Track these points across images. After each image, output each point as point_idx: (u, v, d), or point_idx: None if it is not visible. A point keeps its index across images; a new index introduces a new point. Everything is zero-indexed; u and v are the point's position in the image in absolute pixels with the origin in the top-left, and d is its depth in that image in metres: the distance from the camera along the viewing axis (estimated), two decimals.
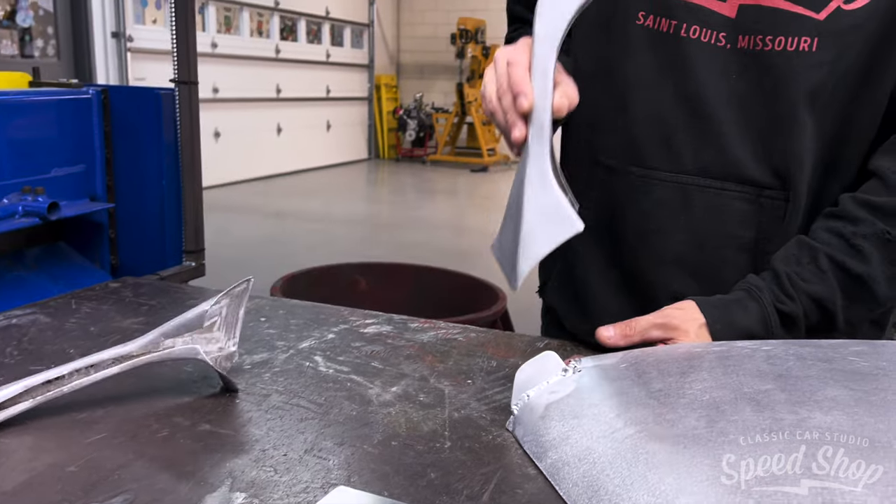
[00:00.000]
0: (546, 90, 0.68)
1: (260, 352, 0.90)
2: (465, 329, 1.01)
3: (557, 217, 0.68)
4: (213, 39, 7.88)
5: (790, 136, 0.81)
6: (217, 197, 7.25)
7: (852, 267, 0.78)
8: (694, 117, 0.84)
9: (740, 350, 0.69)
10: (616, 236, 0.93)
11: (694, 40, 0.83)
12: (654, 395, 0.63)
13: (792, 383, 0.60)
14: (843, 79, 0.79)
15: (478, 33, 10.61)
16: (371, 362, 0.87)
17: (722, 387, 0.61)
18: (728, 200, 0.85)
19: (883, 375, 0.60)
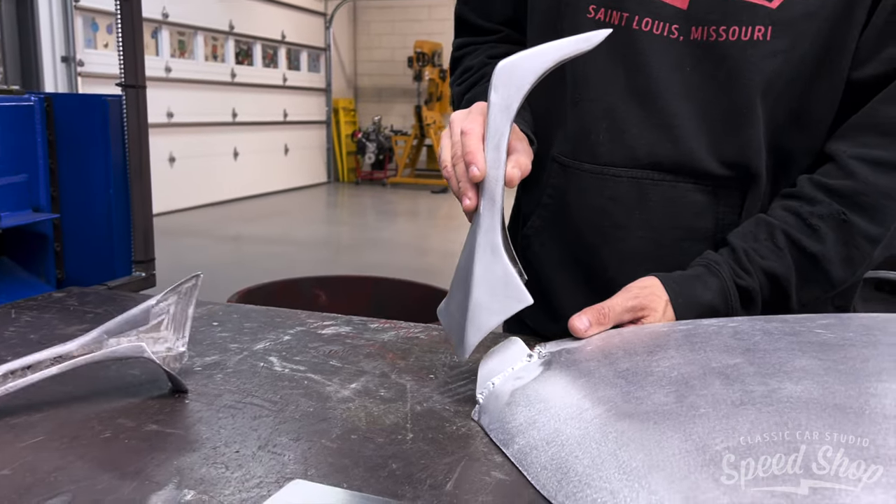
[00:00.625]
0: (499, 161, 0.67)
1: (211, 354, 0.86)
2: (426, 328, 0.99)
3: (507, 290, 0.68)
4: (167, 64, 7.79)
5: (746, 126, 0.81)
6: (172, 223, 7.12)
7: (808, 246, 0.77)
8: (647, 111, 0.83)
9: (706, 327, 0.67)
10: (574, 233, 0.92)
11: (646, 33, 0.82)
12: (621, 374, 0.61)
13: (760, 357, 0.59)
14: (799, 67, 0.78)
15: (434, 56, 10.68)
16: (329, 361, 0.84)
17: (690, 363, 0.60)
18: (684, 193, 0.84)
19: (850, 346, 0.59)
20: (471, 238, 0.70)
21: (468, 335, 0.69)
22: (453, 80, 1.04)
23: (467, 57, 1.02)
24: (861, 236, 0.77)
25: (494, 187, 0.68)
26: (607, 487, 0.49)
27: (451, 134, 0.74)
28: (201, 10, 8.27)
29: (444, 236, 7.43)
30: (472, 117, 0.72)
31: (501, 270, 0.68)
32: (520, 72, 0.67)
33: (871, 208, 0.76)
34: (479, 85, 0.96)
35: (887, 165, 0.76)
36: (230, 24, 8.83)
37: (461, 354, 0.70)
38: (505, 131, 0.67)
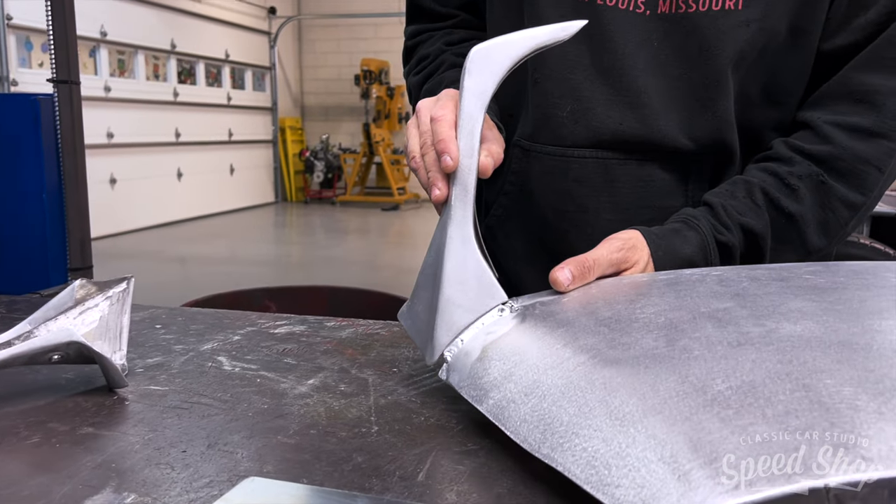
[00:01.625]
0: (472, 149, 0.63)
1: (154, 356, 0.79)
2: (387, 324, 0.94)
3: (480, 285, 0.64)
4: (107, 83, 7.58)
5: (719, 99, 0.79)
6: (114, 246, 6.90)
7: (786, 205, 0.75)
8: (613, 89, 0.80)
9: (689, 276, 0.64)
10: (540, 221, 0.88)
11: (611, 8, 0.79)
12: (603, 322, 0.56)
13: (751, 300, 0.55)
14: (770, 37, 0.77)
15: (382, 74, 10.66)
16: (283, 359, 0.78)
17: (677, 308, 0.56)
18: (652, 172, 0.81)
19: (843, 288, 0.56)
20: (440, 231, 0.66)
21: (437, 334, 0.63)
22: (408, 70, 1.00)
23: (422, 45, 0.98)
24: (839, 200, 0.75)
25: (467, 176, 0.63)
26: (598, 435, 0.44)
27: (420, 122, 0.70)
28: (142, 29, 8.10)
29: (396, 253, 7.38)
30: (443, 103, 0.67)
31: (474, 264, 0.64)
32: (495, 57, 0.63)
33: (850, 173, 0.75)
34: (437, 73, 0.92)
35: (864, 132, 0.75)
36: (172, 43, 8.67)
37: (430, 356, 0.64)
38: (479, 117, 0.63)
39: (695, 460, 0.39)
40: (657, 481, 0.40)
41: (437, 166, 0.64)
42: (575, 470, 0.44)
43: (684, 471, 0.39)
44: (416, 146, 0.68)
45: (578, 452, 0.45)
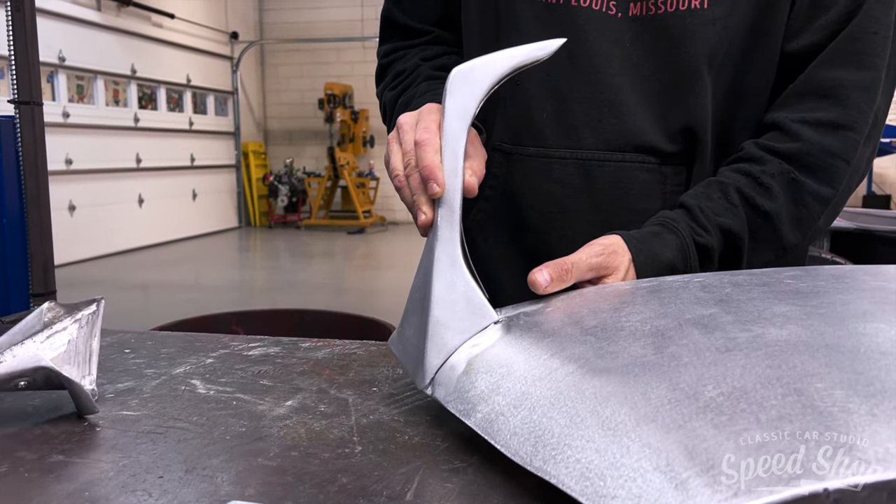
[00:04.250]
0: (457, 170, 0.63)
1: (125, 380, 0.77)
2: (364, 344, 0.93)
3: (470, 306, 0.63)
4: (65, 109, 7.46)
5: (691, 96, 0.80)
6: (73, 274, 6.74)
7: (761, 204, 0.76)
8: (590, 89, 0.82)
9: (671, 283, 0.64)
10: (521, 223, 0.88)
11: (584, 9, 0.81)
12: (589, 331, 0.56)
13: (735, 306, 0.55)
14: (736, 35, 0.79)
15: (346, 98, 10.67)
16: (259, 381, 0.77)
17: (662, 316, 0.56)
18: (630, 172, 0.82)
19: (824, 293, 0.57)
20: (427, 254, 0.65)
21: (428, 357, 0.62)
22: (383, 87, 1.00)
23: (398, 62, 0.98)
24: (810, 195, 0.77)
25: (453, 197, 0.63)
26: (591, 446, 0.44)
27: (403, 142, 0.69)
28: (101, 54, 8.00)
29: (363, 276, 7.34)
30: (425, 125, 0.67)
31: (463, 285, 0.63)
32: (476, 77, 0.63)
33: (819, 168, 0.77)
34: (412, 87, 0.92)
35: (829, 125, 0.77)
36: (132, 68, 8.57)
37: (420, 380, 0.63)
38: (462, 137, 0.63)
39: (692, 468, 0.39)
40: (654, 491, 0.39)
41: (422, 189, 0.64)
42: (569, 482, 0.43)
43: (682, 479, 0.39)
44: (400, 165, 0.68)
45: (572, 464, 0.44)
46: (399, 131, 0.70)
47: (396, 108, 0.91)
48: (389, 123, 0.94)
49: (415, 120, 0.69)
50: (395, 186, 0.69)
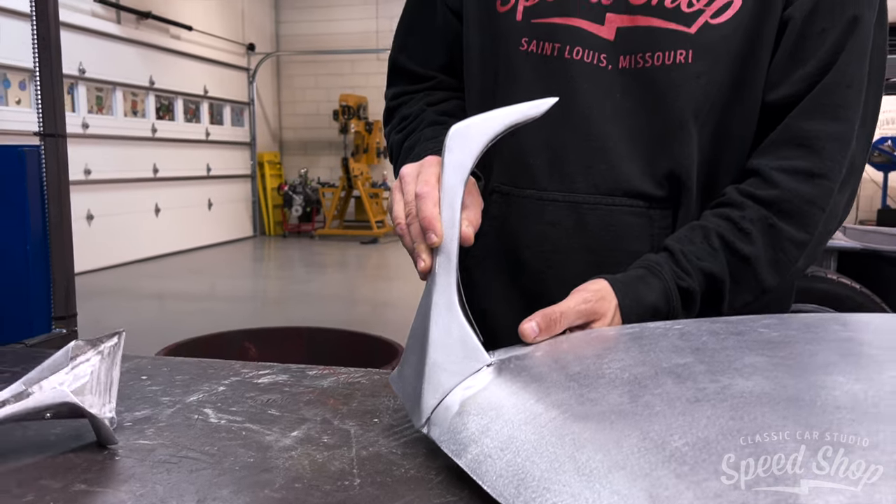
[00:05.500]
0: (454, 221, 0.68)
1: (142, 408, 0.81)
2: (367, 372, 0.97)
3: (465, 349, 0.67)
4: (85, 120, 7.58)
5: (676, 147, 0.85)
6: (91, 283, 6.84)
7: (741, 248, 0.80)
8: (582, 137, 0.86)
9: (653, 330, 0.68)
10: (516, 261, 0.93)
11: (577, 61, 0.86)
12: (573, 377, 0.60)
13: (709, 355, 0.59)
14: (719, 87, 0.83)
15: (360, 109, 10.76)
16: (267, 410, 0.81)
17: (641, 364, 0.60)
18: (620, 216, 0.86)
19: (794, 342, 0.61)
20: (426, 298, 0.70)
21: (425, 397, 0.66)
22: (390, 129, 1.04)
23: (404, 106, 1.03)
24: (788, 240, 0.81)
25: (450, 246, 0.68)
26: (567, 490, 0.48)
27: (405, 192, 0.74)
28: (120, 66, 8.13)
29: (374, 286, 7.39)
30: (425, 177, 0.72)
31: (458, 330, 0.67)
32: (473, 134, 0.68)
33: (796, 214, 0.81)
34: (417, 132, 0.97)
35: (806, 174, 0.81)
36: (150, 80, 8.70)
37: (417, 419, 0.67)
38: (459, 190, 0.68)
39: None
40: None
41: (421, 238, 0.68)
42: None
43: None
44: (402, 214, 0.73)
45: None
46: (402, 181, 0.75)
47: (402, 152, 0.96)
48: (395, 165, 0.98)
49: (416, 171, 0.74)
50: (397, 233, 0.73)
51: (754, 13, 0.82)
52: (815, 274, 2.64)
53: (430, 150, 0.88)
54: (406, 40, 1.03)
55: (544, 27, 0.87)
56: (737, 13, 0.81)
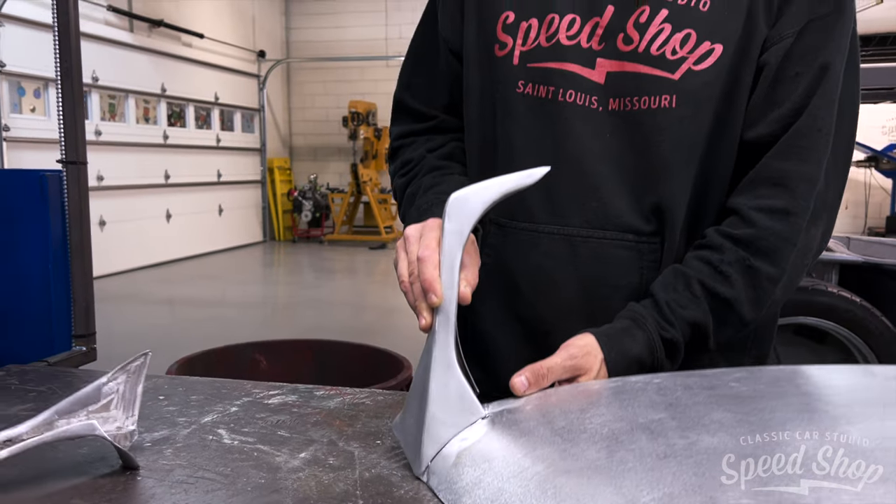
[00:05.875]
0: (453, 282, 0.74)
1: (160, 429, 0.87)
2: (371, 393, 1.02)
3: (462, 404, 0.73)
4: (97, 127, 7.68)
5: (662, 185, 0.90)
6: (103, 288, 6.92)
7: (721, 292, 0.86)
8: (575, 174, 0.91)
9: (633, 384, 0.73)
10: (512, 289, 0.98)
11: (570, 104, 0.91)
12: (558, 432, 0.66)
13: (681, 411, 0.65)
14: (703, 130, 0.89)
15: (369, 115, 10.83)
16: (277, 431, 0.87)
17: (619, 419, 0.65)
18: (610, 249, 0.91)
19: (760, 397, 0.66)
20: (426, 354, 0.76)
21: (424, 448, 0.72)
22: (394, 171, 1.10)
23: (406, 149, 1.09)
24: (765, 278, 0.86)
25: (449, 306, 0.74)
26: None
27: (408, 253, 0.81)
28: (133, 74, 8.23)
29: (383, 293, 7.44)
30: (426, 241, 0.79)
31: (455, 385, 0.73)
32: (470, 203, 0.74)
33: (771, 251, 0.86)
34: (418, 178, 1.03)
35: (781, 212, 0.86)
36: (162, 87, 8.80)
37: (417, 468, 0.73)
38: (458, 254, 0.74)
39: None
40: None
41: (423, 297, 0.75)
42: None
43: None
44: (406, 273, 0.80)
45: None
46: (406, 242, 0.82)
47: (405, 199, 1.03)
48: (399, 209, 1.05)
49: (419, 234, 0.81)
50: (401, 289, 0.79)
51: (734, 60, 0.87)
52: (816, 287, 2.68)
53: (430, 202, 0.95)
54: (410, 80, 1.09)
55: (539, 71, 0.92)
56: (717, 60, 0.87)
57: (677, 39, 0.87)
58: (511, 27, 0.94)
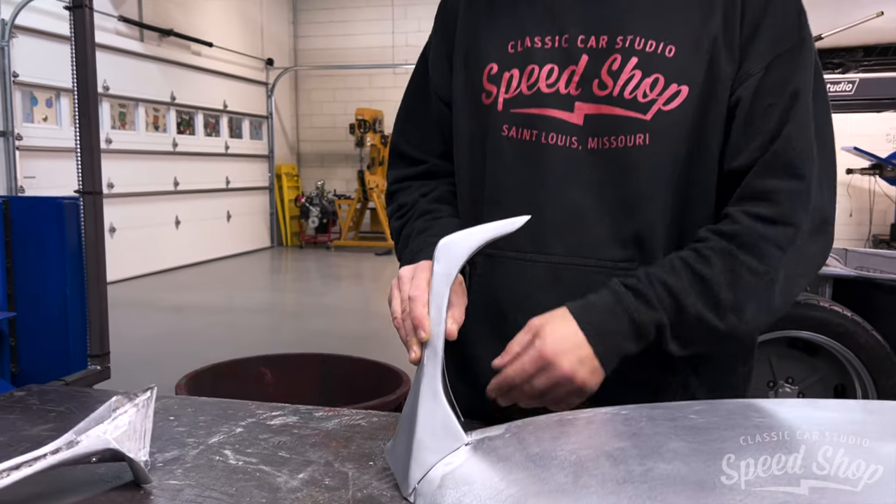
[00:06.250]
0: (440, 320, 0.82)
1: (171, 449, 0.94)
2: (367, 414, 1.09)
3: (447, 431, 0.81)
4: (108, 136, 7.79)
5: (639, 215, 0.98)
6: (113, 294, 7.01)
7: (698, 269, 0.92)
8: (557, 208, 0.99)
9: (603, 415, 0.80)
10: (499, 313, 1.05)
11: (552, 145, 0.99)
12: (531, 458, 0.73)
13: (643, 440, 0.72)
14: (675, 163, 0.97)
15: (376, 123, 10.93)
16: (278, 452, 0.94)
17: (587, 447, 0.73)
18: (591, 275, 0.99)
19: (714, 429, 0.73)
20: (415, 384, 0.83)
21: (412, 472, 0.80)
22: (390, 213, 1.19)
23: (401, 193, 1.17)
24: (745, 268, 0.91)
25: (436, 342, 0.82)
26: None
27: (402, 291, 0.89)
28: (143, 82, 8.35)
29: None
30: (417, 282, 0.87)
31: (442, 414, 0.81)
32: (456, 248, 0.83)
33: (753, 247, 0.92)
34: (411, 222, 1.12)
35: (767, 219, 0.93)
36: (172, 95, 8.92)
37: (405, 489, 0.80)
38: (445, 295, 0.82)
39: None
40: None
41: (413, 333, 0.83)
42: None
43: None
44: (398, 310, 0.88)
45: None
46: (399, 282, 0.90)
47: (401, 240, 1.12)
48: (395, 249, 1.14)
49: (411, 275, 0.89)
50: (394, 325, 0.87)
51: (700, 99, 0.95)
52: (809, 301, 2.74)
53: (423, 244, 1.03)
54: (405, 127, 1.17)
55: (522, 116, 1.00)
56: (684, 100, 0.95)
57: (647, 83, 0.95)
58: (495, 77, 1.02)
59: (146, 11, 8.50)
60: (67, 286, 1.37)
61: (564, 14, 0.99)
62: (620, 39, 0.96)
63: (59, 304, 1.40)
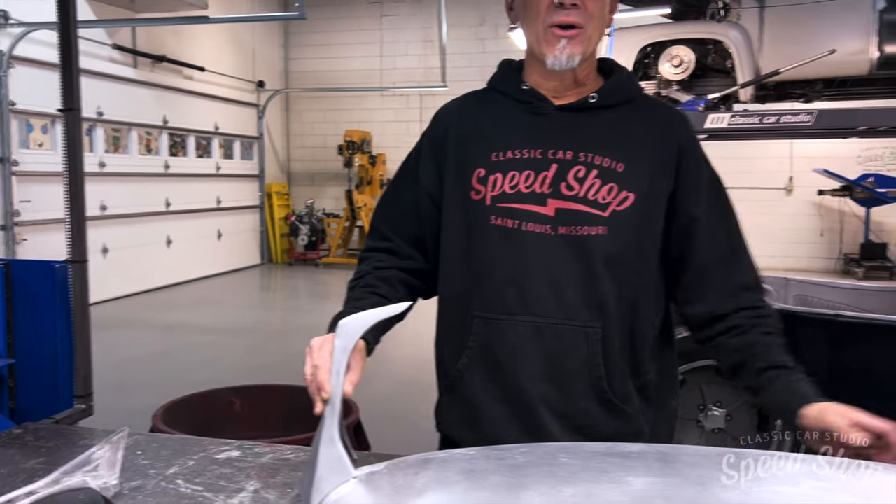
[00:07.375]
0: (338, 383, 1.07)
1: (136, 479, 1.21)
2: (296, 450, 1.36)
3: (339, 468, 1.05)
4: (101, 159, 8.07)
5: (598, 286, 1.27)
6: (104, 314, 7.25)
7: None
8: (537, 280, 1.28)
9: (457, 454, 1.07)
10: (494, 365, 1.33)
11: (530, 232, 1.29)
12: (396, 488, 1.00)
13: (475, 475, 0.99)
14: (628, 251, 1.28)
15: (364, 144, 11.24)
16: (220, 481, 1.21)
17: (434, 480, 1.00)
18: (565, 332, 1.28)
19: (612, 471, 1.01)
20: (318, 431, 1.09)
21: (312, 499, 1.04)
22: (353, 276, 1.45)
23: (365, 261, 1.44)
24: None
25: (335, 399, 1.07)
26: None
27: (312, 358, 1.13)
28: (136, 107, 8.63)
29: None
30: (322, 352, 1.11)
31: (336, 455, 1.05)
32: (353, 327, 1.10)
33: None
34: (356, 289, 1.38)
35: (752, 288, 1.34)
36: (164, 119, 9.20)
37: None
38: (343, 364, 1.08)
39: None
40: None
41: (317, 392, 1.08)
42: None
43: None
44: (308, 373, 1.12)
45: None
46: (311, 350, 1.14)
47: (344, 302, 1.36)
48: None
49: (320, 344, 1.14)
50: (305, 383, 1.13)
51: (645, 205, 1.27)
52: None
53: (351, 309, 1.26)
54: (385, 208, 1.46)
55: (505, 209, 1.30)
56: (632, 203, 1.27)
57: (605, 190, 1.27)
58: (483, 179, 1.32)
59: (140, 39, 8.79)
60: (58, 337, 1.64)
61: (541, 136, 1.31)
62: (583, 155, 1.28)
63: (50, 352, 1.66)
